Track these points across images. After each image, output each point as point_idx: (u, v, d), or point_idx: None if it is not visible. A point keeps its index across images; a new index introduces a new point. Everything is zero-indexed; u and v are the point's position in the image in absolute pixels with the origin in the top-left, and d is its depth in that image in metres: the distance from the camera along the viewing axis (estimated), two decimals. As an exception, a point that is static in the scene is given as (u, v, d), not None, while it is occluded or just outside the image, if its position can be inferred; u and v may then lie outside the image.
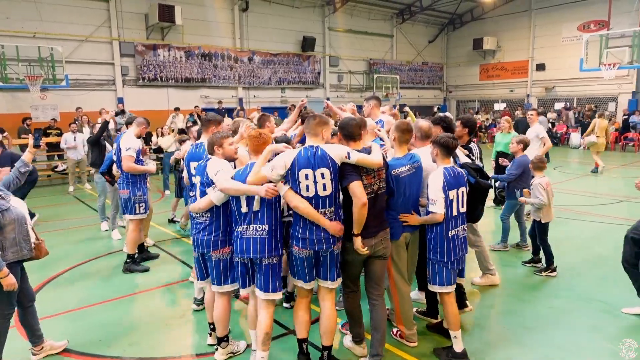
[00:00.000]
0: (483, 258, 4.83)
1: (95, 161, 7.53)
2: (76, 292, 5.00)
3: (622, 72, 17.21)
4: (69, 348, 3.77)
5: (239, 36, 18.27)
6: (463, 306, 4.14)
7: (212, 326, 3.78)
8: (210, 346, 3.78)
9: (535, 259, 5.37)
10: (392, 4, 22.77)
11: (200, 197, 3.55)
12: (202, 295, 4.30)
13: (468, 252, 3.73)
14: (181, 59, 16.80)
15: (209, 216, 3.46)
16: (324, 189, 3.06)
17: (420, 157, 3.62)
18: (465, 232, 3.61)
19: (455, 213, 3.47)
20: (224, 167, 3.43)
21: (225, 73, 17.99)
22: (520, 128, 11.03)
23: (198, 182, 3.59)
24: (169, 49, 16.48)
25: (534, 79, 23.51)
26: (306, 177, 3.05)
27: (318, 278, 3.30)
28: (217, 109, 16.11)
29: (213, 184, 3.38)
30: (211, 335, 3.81)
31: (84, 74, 14.83)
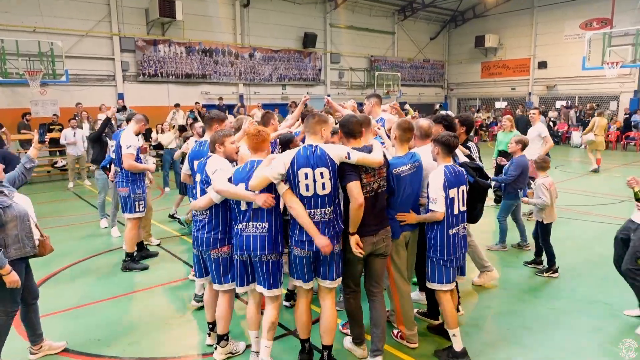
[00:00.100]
0: (477, 256, 4.81)
1: (96, 158, 7.48)
2: (75, 290, 4.98)
3: (625, 71, 17.16)
4: (68, 347, 3.75)
5: (240, 32, 18.19)
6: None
7: (211, 326, 3.77)
8: (209, 346, 3.75)
9: (537, 260, 5.35)
10: (394, 1, 22.68)
11: (200, 195, 3.54)
12: (203, 292, 4.26)
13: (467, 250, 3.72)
14: (182, 55, 16.73)
15: (209, 214, 3.45)
16: (323, 188, 3.05)
17: (420, 156, 3.61)
18: (465, 231, 3.61)
19: (456, 211, 3.47)
20: (223, 166, 3.42)
21: (226, 69, 17.92)
22: (519, 126, 11.00)
23: (198, 180, 3.60)
24: (170, 45, 16.41)
25: (536, 77, 23.42)
26: (305, 176, 3.04)
27: (317, 277, 3.28)
28: (218, 106, 16.05)
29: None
30: (210, 335, 3.79)
31: (84, 69, 14.77)
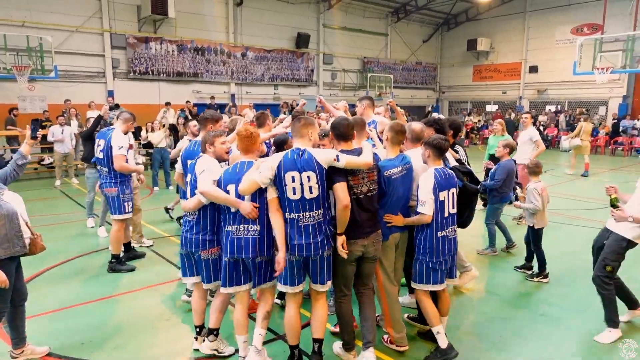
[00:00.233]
0: (457, 258, 4.77)
1: (87, 156, 7.28)
2: (59, 292, 4.86)
3: (614, 76, 17.33)
4: (50, 352, 3.64)
5: (233, 31, 18.08)
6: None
7: (199, 329, 3.71)
8: (197, 350, 3.68)
9: (527, 265, 5.35)
10: (388, 3, 22.71)
11: (191, 196, 3.51)
12: None
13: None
14: (173, 53, 16.57)
15: (197, 215, 3.44)
16: (311, 192, 3.05)
17: (410, 159, 3.63)
18: (455, 233, 3.61)
19: (446, 214, 3.48)
20: (211, 167, 3.39)
21: (217, 68, 17.79)
22: (507, 129, 11.04)
23: (189, 180, 3.59)
24: (161, 42, 16.25)
25: (527, 81, 23.61)
26: (292, 180, 3.04)
27: (310, 280, 3.28)
28: (210, 105, 15.93)
29: None
30: (197, 339, 3.72)
31: (74, 66, 14.57)
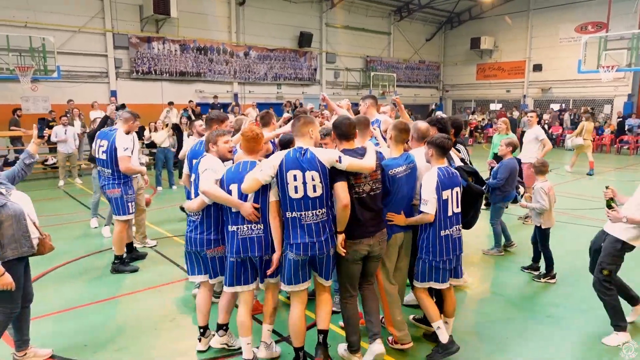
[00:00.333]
0: None
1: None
2: (62, 293, 4.83)
3: (619, 75, 17.18)
4: (53, 354, 3.61)
5: (235, 30, 18.03)
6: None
7: (202, 330, 3.68)
8: (200, 352, 3.65)
9: (534, 266, 5.28)
10: (390, 1, 22.63)
11: (195, 196, 3.51)
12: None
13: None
14: (176, 53, 16.55)
15: (201, 215, 3.44)
16: (314, 191, 3.04)
17: (415, 158, 3.60)
18: (460, 232, 3.57)
19: (449, 213, 3.45)
20: (213, 166, 3.38)
21: (220, 68, 17.76)
22: (510, 127, 10.99)
23: (193, 180, 3.60)
24: (164, 42, 16.23)
25: (531, 80, 23.48)
26: (294, 178, 3.02)
27: (315, 274, 3.29)
28: (213, 104, 15.91)
29: None
30: (201, 340, 3.69)
31: (76, 66, 14.56)
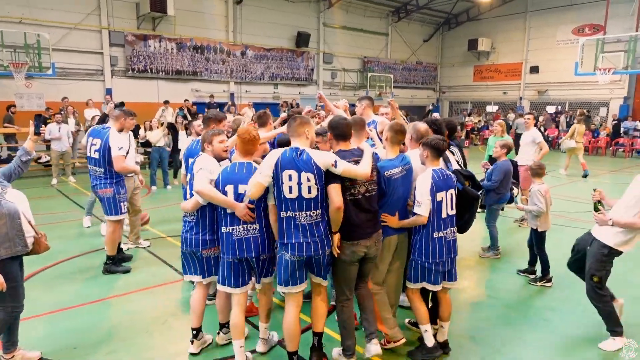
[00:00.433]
0: None
1: None
2: (53, 293, 4.74)
3: (615, 77, 17.23)
4: (42, 357, 3.53)
5: (232, 29, 17.96)
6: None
7: (195, 332, 3.62)
8: (193, 355, 3.59)
9: (529, 269, 5.24)
10: (388, 2, 22.61)
11: (190, 196, 3.49)
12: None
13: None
14: (172, 51, 16.46)
15: (195, 215, 3.43)
16: (309, 192, 3.02)
17: (410, 159, 3.58)
18: (454, 235, 3.54)
19: (444, 215, 3.43)
20: (208, 166, 3.36)
21: (217, 67, 17.68)
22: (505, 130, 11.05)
23: (188, 180, 3.60)
24: (160, 40, 16.14)
25: (527, 82, 23.52)
26: (289, 178, 3.01)
27: (311, 274, 3.26)
28: (209, 104, 15.83)
29: None
30: (193, 342, 3.63)
31: (72, 63, 14.45)
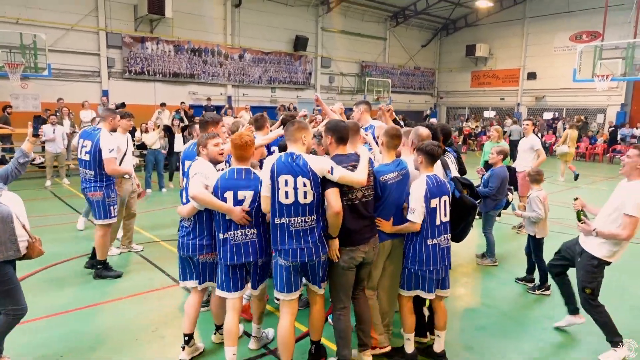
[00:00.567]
0: None
1: None
2: (40, 299, 4.60)
3: (612, 84, 17.26)
4: (26, 364, 3.44)
5: (230, 32, 17.92)
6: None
7: (187, 338, 3.54)
8: (182, 364, 3.50)
9: (528, 278, 5.16)
10: (387, 7, 22.63)
11: (186, 200, 3.46)
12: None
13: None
14: (170, 53, 16.39)
15: (192, 221, 3.40)
16: (305, 197, 2.98)
17: (407, 164, 3.54)
18: (448, 242, 3.48)
19: (437, 222, 3.37)
20: (203, 171, 3.30)
21: (214, 69, 17.62)
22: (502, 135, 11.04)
23: (185, 185, 3.56)
24: (158, 42, 16.07)
25: (525, 88, 23.56)
26: (285, 184, 2.98)
27: (308, 282, 3.22)
28: (206, 106, 15.75)
29: None
30: (184, 349, 3.53)
31: (68, 64, 14.36)
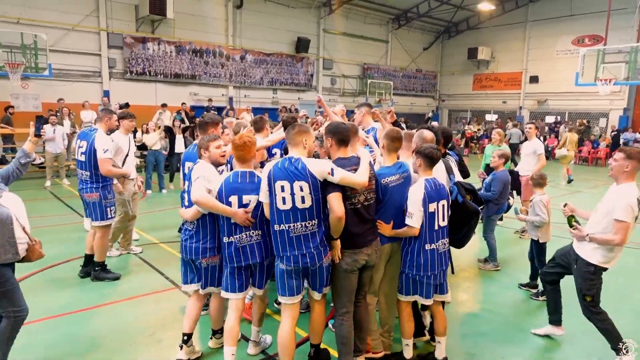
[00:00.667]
0: None
1: None
2: (37, 301, 4.49)
3: (615, 88, 17.13)
4: (20, 369, 3.38)
5: (232, 33, 17.88)
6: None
7: (186, 338, 3.50)
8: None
9: (531, 284, 5.08)
10: (389, 9, 22.59)
11: (187, 202, 3.42)
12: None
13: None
14: (171, 54, 16.36)
15: (196, 224, 3.37)
16: (303, 202, 2.95)
17: (409, 167, 3.50)
18: (445, 247, 3.44)
19: (436, 227, 3.32)
20: (206, 174, 3.25)
21: (216, 70, 17.58)
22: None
23: (186, 188, 3.52)
24: (159, 43, 16.04)
25: (527, 91, 23.49)
26: (282, 189, 2.95)
27: (309, 287, 3.20)
28: (207, 107, 15.70)
29: None
30: (182, 348, 3.49)
31: (69, 64, 14.32)
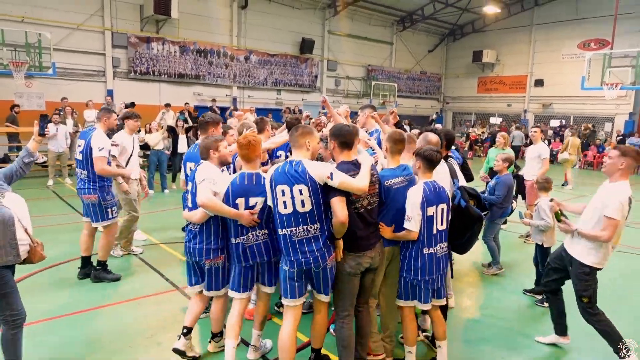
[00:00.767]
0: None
1: None
2: (36, 302, 4.47)
3: (621, 93, 17.06)
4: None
5: (237, 34, 17.87)
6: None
7: (186, 331, 3.49)
8: (176, 352, 3.43)
9: (537, 290, 5.00)
10: (394, 11, 22.54)
11: (191, 205, 3.39)
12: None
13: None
14: (175, 54, 16.35)
15: (199, 224, 3.33)
16: (303, 206, 2.92)
17: (412, 169, 3.45)
18: (444, 251, 3.38)
19: (434, 231, 3.27)
20: (211, 177, 3.21)
21: (220, 71, 17.57)
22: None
23: (189, 189, 3.45)
24: (164, 43, 16.03)
25: (532, 95, 23.37)
26: (282, 193, 2.95)
27: (313, 290, 3.16)
28: (211, 108, 15.68)
29: None
30: (180, 338, 3.47)
31: (73, 63, 14.33)
